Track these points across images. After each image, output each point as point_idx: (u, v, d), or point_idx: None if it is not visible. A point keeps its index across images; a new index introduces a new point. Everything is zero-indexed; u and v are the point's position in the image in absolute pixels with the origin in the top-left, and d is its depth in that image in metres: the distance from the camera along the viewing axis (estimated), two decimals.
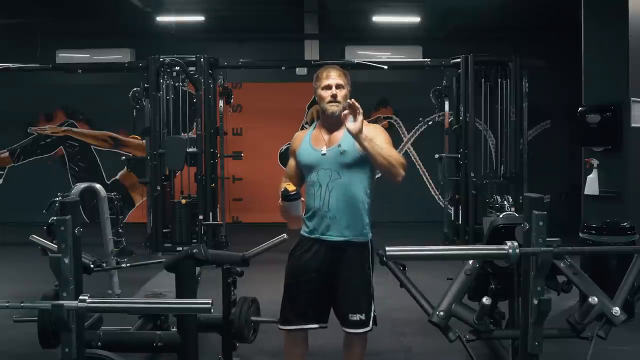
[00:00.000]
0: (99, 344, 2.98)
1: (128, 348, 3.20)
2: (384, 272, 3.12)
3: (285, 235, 3.16)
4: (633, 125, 5.10)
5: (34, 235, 3.38)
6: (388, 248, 2.09)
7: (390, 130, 9.47)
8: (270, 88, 9.54)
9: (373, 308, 2.97)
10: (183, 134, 7.42)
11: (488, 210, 5.21)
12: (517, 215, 3.33)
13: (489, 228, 3.20)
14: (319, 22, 9.62)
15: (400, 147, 9.74)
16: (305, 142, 3.04)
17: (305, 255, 2.97)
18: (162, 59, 7.22)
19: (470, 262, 3.00)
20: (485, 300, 2.64)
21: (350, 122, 2.76)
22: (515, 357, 3.03)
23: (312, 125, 3.14)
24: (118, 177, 9.85)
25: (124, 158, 8.67)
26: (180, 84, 7.51)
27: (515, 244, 2.09)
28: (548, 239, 2.13)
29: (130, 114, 7.65)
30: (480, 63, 7.58)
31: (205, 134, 7.34)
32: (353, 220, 2.93)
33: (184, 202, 7.26)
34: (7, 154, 9.93)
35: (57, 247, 2.17)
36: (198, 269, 3.21)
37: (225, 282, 3.20)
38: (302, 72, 9.10)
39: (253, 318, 3.33)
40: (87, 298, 2.08)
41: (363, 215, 2.95)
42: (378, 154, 2.80)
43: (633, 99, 5.06)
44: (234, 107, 9.05)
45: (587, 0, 5.61)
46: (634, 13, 5.04)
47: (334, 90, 2.93)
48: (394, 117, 9.85)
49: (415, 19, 8.86)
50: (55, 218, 2.38)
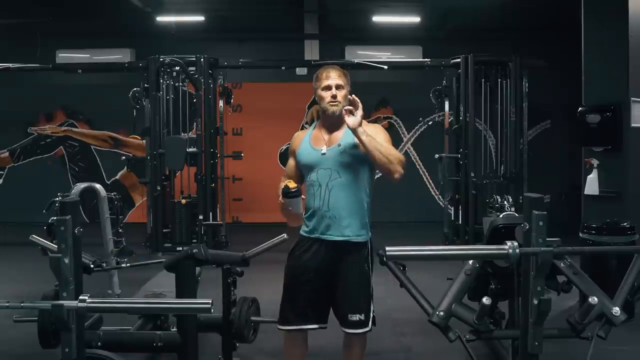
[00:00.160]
0: (99, 344, 2.98)
1: (128, 348, 3.20)
2: (384, 272, 3.12)
3: (285, 235, 3.17)
4: (633, 125, 5.10)
5: (34, 235, 3.38)
6: (388, 248, 2.09)
7: (390, 130, 9.42)
8: (270, 88, 9.54)
9: (372, 308, 2.97)
10: (183, 134, 7.42)
11: (488, 210, 5.21)
12: (517, 215, 3.33)
13: (489, 228, 3.20)
14: (319, 22, 9.62)
15: (400, 147, 9.73)
16: (305, 141, 3.04)
17: (305, 255, 2.97)
18: (162, 59, 7.22)
19: (470, 262, 3.00)
20: (485, 300, 2.64)
21: (350, 117, 2.78)
22: (515, 357, 3.03)
23: (312, 125, 3.14)
24: (118, 177, 9.85)
25: (124, 158, 8.67)
26: (180, 84, 7.50)
27: (515, 244, 2.09)
28: (548, 239, 2.13)
29: (130, 114, 7.66)
30: (480, 63, 7.58)
31: (205, 134, 7.34)
32: (353, 220, 2.93)
33: (184, 202, 7.26)
34: (7, 154, 9.93)
35: (57, 247, 2.17)
36: (198, 269, 3.21)
37: (225, 282, 3.20)
38: (302, 72, 9.10)
39: (253, 318, 3.34)
40: (87, 298, 2.08)
41: (363, 215, 2.96)
42: (376, 150, 2.80)
43: (633, 99, 5.06)
44: (234, 107, 9.05)
45: (587, 0, 5.61)
46: (634, 13, 5.04)
47: (334, 91, 2.93)
48: (394, 117, 9.85)
49: (415, 19, 8.86)
50: (55, 218, 2.38)
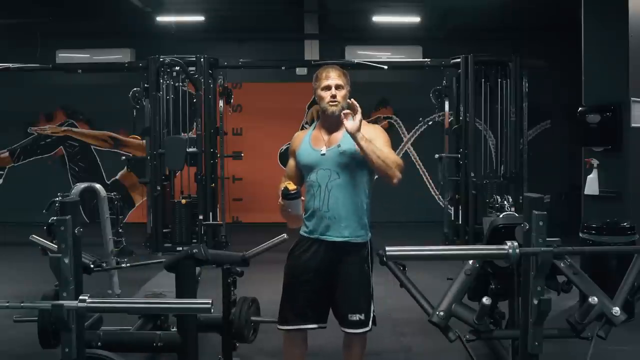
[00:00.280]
0: (99, 344, 2.98)
1: (128, 348, 3.20)
2: (384, 272, 3.12)
3: (285, 235, 3.17)
4: (633, 125, 5.10)
5: (34, 235, 3.38)
6: (388, 248, 2.09)
7: (390, 130, 9.48)
8: (270, 88, 9.54)
9: (373, 308, 2.97)
10: (183, 134, 7.42)
11: (488, 210, 5.22)
12: (517, 215, 3.33)
13: (489, 228, 3.20)
14: (319, 22, 9.61)
15: (400, 147, 9.74)
16: (305, 142, 3.04)
17: (305, 255, 2.97)
18: (162, 59, 7.22)
19: (470, 262, 3.00)
20: (485, 300, 2.64)
21: (349, 121, 2.77)
22: (515, 357, 3.03)
23: (312, 126, 3.14)
24: (118, 177, 9.85)
25: (124, 158, 8.66)
26: (180, 84, 7.50)
27: (515, 244, 2.09)
28: (548, 239, 2.13)
29: (130, 114, 7.66)
30: (480, 63, 7.58)
31: (205, 134, 7.34)
32: (352, 221, 2.92)
33: (184, 202, 7.26)
34: (7, 154, 9.93)
35: (57, 247, 2.17)
36: (198, 269, 3.21)
37: (225, 282, 3.20)
38: (302, 72, 9.10)
39: (253, 318, 3.33)
40: (87, 298, 2.08)
41: (362, 216, 2.95)
42: (374, 154, 2.79)
43: (633, 99, 5.06)
44: (234, 107, 9.05)
45: (587, 0, 5.61)
46: (634, 13, 5.04)
47: (334, 91, 2.93)
48: (394, 117, 9.85)
49: (415, 19, 8.86)
50: (55, 218, 2.38)
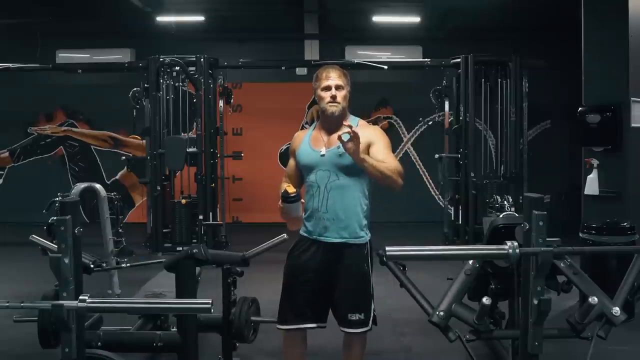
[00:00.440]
0: (99, 344, 2.98)
1: (128, 348, 3.20)
2: (384, 272, 3.11)
3: (285, 235, 3.16)
4: (633, 125, 5.10)
5: (34, 235, 3.38)
6: (388, 248, 2.09)
7: (390, 130, 9.49)
8: (270, 88, 9.53)
9: (373, 307, 2.97)
10: (183, 134, 7.42)
11: (488, 210, 5.22)
12: (517, 215, 3.33)
13: (489, 228, 3.20)
14: (319, 22, 9.61)
15: (400, 147, 9.75)
16: (305, 142, 3.03)
17: (304, 255, 2.97)
18: (162, 59, 7.22)
19: (470, 262, 3.00)
20: (485, 300, 2.63)
21: (348, 143, 2.72)
22: (515, 357, 3.03)
23: (312, 125, 3.14)
24: (118, 177, 9.85)
25: (124, 158, 8.67)
26: (180, 84, 7.50)
27: (515, 244, 2.09)
28: (548, 239, 2.13)
29: (130, 114, 7.66)
30: (480, 63, 7.58)
31: (205, 134, 7.34)
32: (350, 222, 2.92)
33: (184, 202, 7.26)
34: (7, 154, 9.93)
35: (57, 247, 2.17)
36: (198, 269, 3.21)
37: (225, 282, 3.19)
38: (302, 72, 9.10)
39: (253, 318, 3.33)
40: (87, 298, 2.08)
41: (361, 217, 2.95)
42: (376, 171, 2.79)
43: (633, 99, 5.06)
44: (234, 107, 9.04)
45: (587, 0, 5.62)
46: (634, 13, 5.04)
47: (334, 91, 2.92)
48: (394, 117, 9.85)
49: (415, 19, 8.86)
50: (55, 218, 2.37)
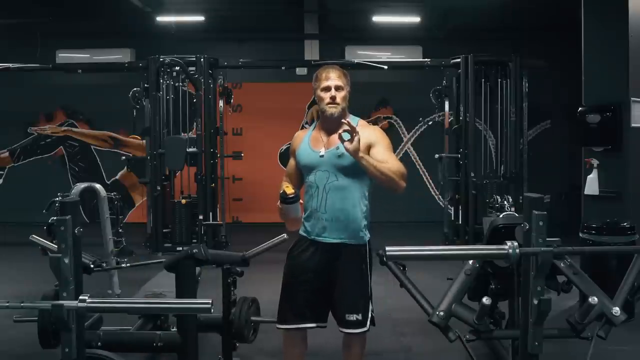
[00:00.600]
0: (99, 344, 2.98)
1: (128, 348, 3.20)
2: (384, 272, 3.11)
3: (285, 235, 3.16)
4: (633, 125, 5.10)
5: (34, 235, 3.37)
6: (388, 248, 2.09)
7: (390, 130, 9.49)
8: (270, 88, 9.53)
9: (371, 308, 2.97)
10: (183, 134, 7.42)
11: (488, 210, 5.22)
12: (517, 215, 3.33)
13: (489, 228, 3.20)
14: (319, 22, 9.61)
15: (400, 147, 9.75)
16: (305, 142, 3.03)
17: (303, 255, 2.97)
18: (162, 59, 7.22)
19: (470, 262, 3.00)
20: (485, 300, 2.63)
21: (348, 142, 2.73)
22: (515, 357, 3.03)
23: (312, 125, 3.14)
24: (118, 177, 9.85)
25: (124, 158, 8.67)
26: (180, 84, 7.50)
27: (515, 244, 2.09)
28: (548, 239, 2.13)
29: (130, 114, 7.65)
30: (480, 63, 7.58)
31: (205, 134, 7.33)
32: (349, 223, 2.91)
33: (184, 202, 7.26)
34: (7, 154, 9.93)
35: (57, 247, 2.17)
36: (198, 269, 3.21)
37: (225, 282, 3.20)
38: (302, 72, 9.10)
39: (253, 318, 3.33)
40: (87, 298, 2.08)
41: (359, 218, 2.94)
42: (377, 171, 2.78)
43: (633, 99, 5.06)
44: (234, 107, 9.04)
45: (587, 0, 5.61)
46: (634, 13, 5.04)
47: (333, 92, 2.92)
48: (394, 117, 9.85)
49: (415, 19, 8.86)
50: (55, 218, 2.38)
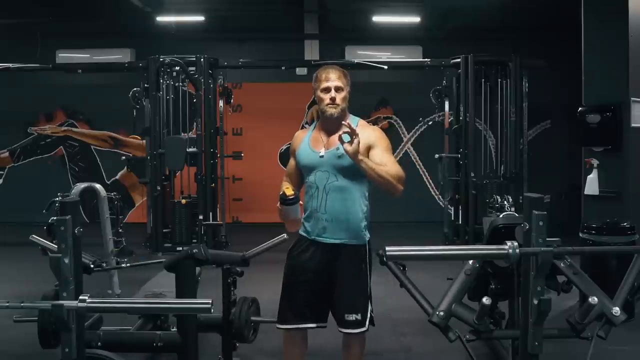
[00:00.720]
0: (99, 344, 2.98)
1: (128, 348, 3.20)
2: (384, 272, 3.11)
3: (285, 235, 3.16)
4: (633, 125, 5.10)
5: (34, 235, 3.37)
6: (388, 248, 2.09)
7: (390, 130, 9.49)
8: (270, 88, 9.53)
9: (370, 308, 2.97)
10: (183, 134, 7.42)
11: (488, 210, 5.22)
12: (517, 215, 3.33)
13: (489, 228, 3.20)
14: (319, 22, 9.61)
15: (400, 147, 9.75)
16: (305, 142, 3.03)
17: (303, 255, 2.98)
18: (162, 59, 7.22)
19: (470, 262, 3.00)
20: (485, 300, 2.63)
21: (346, 138, 2.74)
22: (515, 357, 3.03)
23: (312, 126, 3.13)
24: (118, 177, 9.85)
25: (124, 158, 8.66)
26: (180, 84, 7.50)
27: (515, 244, 2.09)
28: (548, 239, 2.13)
29: (130, 114, 7.65)
30: (480, 63, 7.58)
31: (205, 134, 7.33)
32: (349, 224, 2.92)
33: (184, 202, 7.26)
34: (7, 154, 9.93)
35: (57, 247, 2.17)
36: (198, 269, 3.21)
37: (225, 282, 3.19)
38: (302, 72, 9.10)
39: (253, 318, 3.33)
40: (87, 298, 2.08)
41: (359, 219, 2.94)
42: (375, 173, 2.79)
43: (633, 99, 5.06)
44: (234, 107, 9.04)
45: (587, 0, 5.61)
46: (634, 13, 5.04)
47: (333, 93, 2.91)
48: (394, 117, 9.85)
49: (415, 19, 8.86)
50: (55, 218, 2.38)
